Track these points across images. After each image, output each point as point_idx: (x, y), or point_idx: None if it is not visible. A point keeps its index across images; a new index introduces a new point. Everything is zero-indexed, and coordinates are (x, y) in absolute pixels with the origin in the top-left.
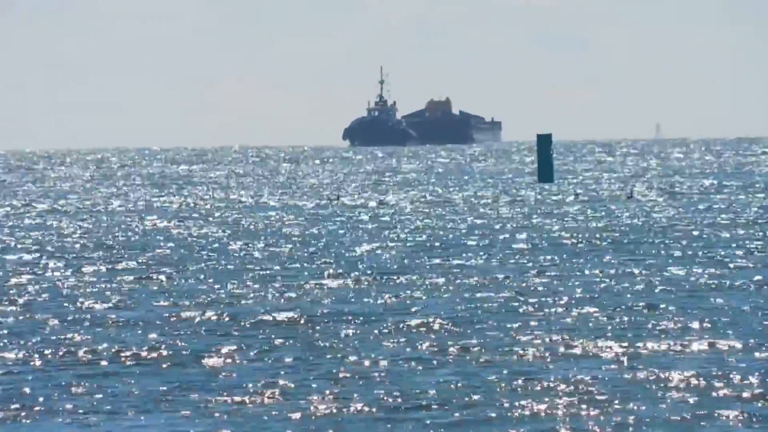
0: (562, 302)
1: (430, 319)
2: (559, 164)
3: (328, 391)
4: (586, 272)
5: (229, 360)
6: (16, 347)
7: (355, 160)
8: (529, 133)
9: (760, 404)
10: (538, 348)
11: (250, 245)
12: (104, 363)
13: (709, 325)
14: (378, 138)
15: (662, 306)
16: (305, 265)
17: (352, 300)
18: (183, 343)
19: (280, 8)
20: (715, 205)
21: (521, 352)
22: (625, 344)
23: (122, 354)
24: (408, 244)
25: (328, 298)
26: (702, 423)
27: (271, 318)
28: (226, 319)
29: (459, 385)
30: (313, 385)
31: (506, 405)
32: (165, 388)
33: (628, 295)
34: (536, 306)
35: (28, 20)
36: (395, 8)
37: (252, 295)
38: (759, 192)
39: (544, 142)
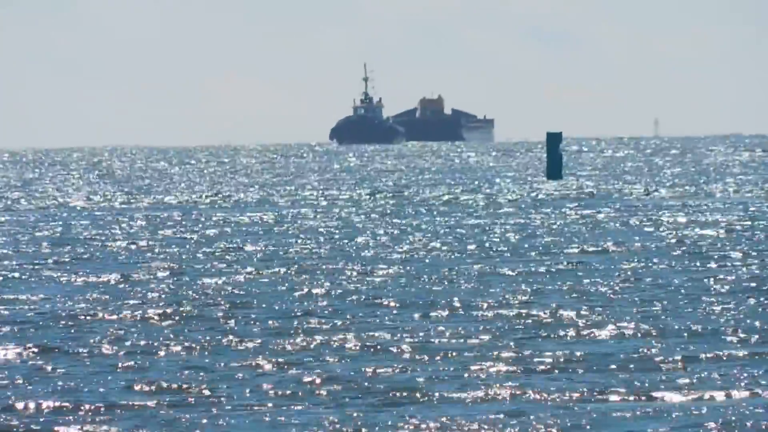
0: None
1: None
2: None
3: None
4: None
5: None
6: None
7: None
8: (523, 131)
9: None
10: None
11: None
12: None
13: None
14: (364, 136)
15: None
16: None
17: None
18: None
19: (272, 7)
20: None
21: None
22: None
23: None
24: None
25: None
26: None
27: None
28: None
29: None
30: None
31: None
32: None
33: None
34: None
35: (25, 18)
36: (388, 6)
37: None
38: None
39: (553, 139)
